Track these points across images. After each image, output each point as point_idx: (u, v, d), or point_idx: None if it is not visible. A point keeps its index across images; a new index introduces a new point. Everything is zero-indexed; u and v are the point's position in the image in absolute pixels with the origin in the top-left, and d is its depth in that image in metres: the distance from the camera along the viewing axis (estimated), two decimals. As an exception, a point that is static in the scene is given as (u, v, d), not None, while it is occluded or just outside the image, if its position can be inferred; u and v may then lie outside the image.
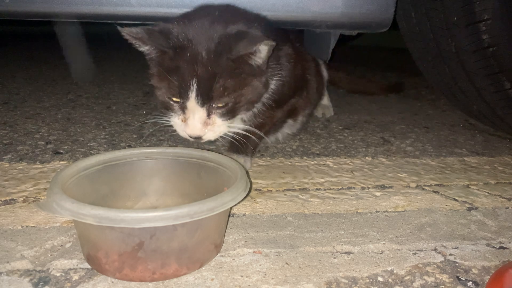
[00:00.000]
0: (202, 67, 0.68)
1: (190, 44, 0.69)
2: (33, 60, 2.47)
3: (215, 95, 0.69)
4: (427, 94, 1.89)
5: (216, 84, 0.68)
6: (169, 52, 0.69)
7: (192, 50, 0.69)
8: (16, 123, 1.19)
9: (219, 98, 0.70)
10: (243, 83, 0.73)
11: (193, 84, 0.68)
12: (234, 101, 0.72)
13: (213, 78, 0.68)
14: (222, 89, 0.70)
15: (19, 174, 0.84)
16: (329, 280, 0.54)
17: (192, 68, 0.68)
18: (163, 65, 0.71)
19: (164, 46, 0.69)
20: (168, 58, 0.70)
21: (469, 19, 1.04)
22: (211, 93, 0.69)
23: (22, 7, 1.02)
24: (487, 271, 0.58)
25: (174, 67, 0.69)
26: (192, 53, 0.68)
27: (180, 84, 0.69)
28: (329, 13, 1.05)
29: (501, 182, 0.91)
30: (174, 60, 0.69)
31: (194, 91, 0.68)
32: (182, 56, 0.69)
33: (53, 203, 0.51)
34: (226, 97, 0.71)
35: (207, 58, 0.68)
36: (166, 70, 0.70)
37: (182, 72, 0.69)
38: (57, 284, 0.51)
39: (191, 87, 0.68)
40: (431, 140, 1.20)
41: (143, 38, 0.68)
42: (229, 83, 0.70)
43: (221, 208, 0.53)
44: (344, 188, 0.84)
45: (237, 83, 0.71)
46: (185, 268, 0.54)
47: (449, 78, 1.23)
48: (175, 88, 0.70)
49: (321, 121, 1.36)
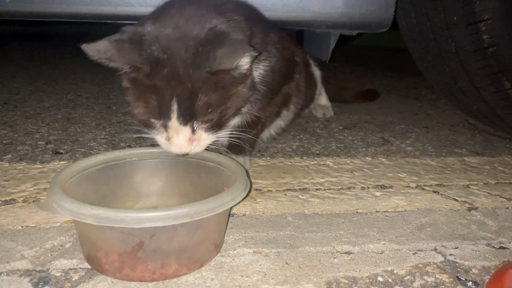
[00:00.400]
0: (181, 84, 0.61)
1: (166, 56, 0.61)
2: (33, 60, 2.47)
3: (198, 113, 0.64)
4: (427, 94, 1.89)
5: (198, 101, 0.62)
6: (143, 67, 0.61)
7: (168, 64, 0.61)
8: (16, 123, 1.19)
9: (203, 116, 0.64)
10: (227, 95, 0.66)
11: (173, 103, 0.61)
12: (219, 115, 0.67)
13: (195, 95, 0.62)
14: (206, 107, 0.64)
15: (19, 174, 0.84)
16: (329, 280, 0.54)
17: (171, 85, 0.61)
18: (138, 82, 0.63)
19: (138, 62, 0.61)
20: (143, 75, 0.62)
21: (469, 19, 1.04)
22: (194, 111, 0.63)
23: (22, 7, 1.02)
24: (487, 271, 0.58)
25: (150, 86, 0.62)
26: (169, 69, 0.61)
27: (159, 104, 0.62)
28: (329, 13, 1.05)
29: (501, 182, 0.91)
30: (150, 77, 0.62)
31: (175, 111, 0.62)
32: (158, 72, 0.61)
33: (53, 203, 0.51)
34: (210, 114, 0.65)
35: (185, 73, 0.61)
36: (142, 89, 0.63)
37: (160, 91, 0.62)
38: (57, 284, 0.51)
39: (171, 107, 0.62)
40: (431, 140, 1.20)
41: (112, 56, 0.59)
42: (212, 98, 0.64)
43: (221, 208, 0.53)
44: (344, 188, 0.84)
45: (220, 96, 0.65)
46: (185, 268, 0.54)
47: (449, 78, 1.23)
48: (154, 108, 0.63)
49: (321, 121, 1.36)
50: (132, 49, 0.60)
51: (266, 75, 0.80)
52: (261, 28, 0.79)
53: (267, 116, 0.92)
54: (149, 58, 0.61)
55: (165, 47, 0.61)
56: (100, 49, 0.58)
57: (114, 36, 0.61)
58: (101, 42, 0.59)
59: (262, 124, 0.92)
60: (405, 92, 1.92)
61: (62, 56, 2.35)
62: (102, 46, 0.59)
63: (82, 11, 1.03)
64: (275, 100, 0.91)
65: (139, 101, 0.64)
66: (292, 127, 1.27)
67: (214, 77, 0.63)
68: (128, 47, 0.60)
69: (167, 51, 0.61)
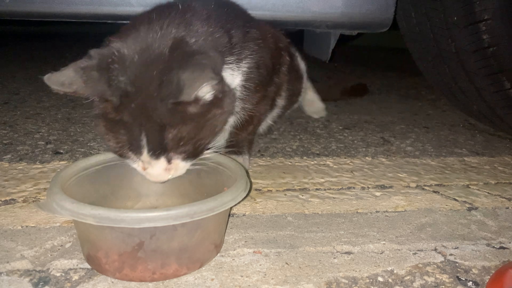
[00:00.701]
0: (148, 118, 0.56)
1: (134, 89, 0.57)
2: (33, 60, 2.47)
3: (169, 147, 0.59)
4: (427, 94, 1.89)
5: (168, 135, 0.58)
6: (113, 100, 0.57)
7: (136, 97, 0.56)
8: (16, 123, 1.19)
9: (175, 149, 0.60)
10: (199, 125, 0.60)
11: (143, 138, 0.57)
12: (194, 147, 0.61)
13: (163, 129, 0.57)
14: (177, 140, 0.59)
15: (19, 174, 0.84)
16: (329, 280, 0.54)
17: (139, 120, 0.57)
18: (106, 114, 0.59)
19: (107, 94, 0.57)
20: (112, 107, 0.58)
21: (469, 19, 1.04)
22: (165, 145, 0.59)
23: (22, 7, 1.02)
24: (487, 271, 0.58)
25: (119, 120, 0.58)
26: (137, 103, 0.56)
27: (129, 139, 0.58)
28: (329, 13, 1.05)
29: (501, 182, 0.91)
30: (119, 111, 0.57)
31: (145, 146, 0.58)
32: (127, 106, 0.57)
33: (53, 203, 0.51)
34: (182, 147, 0.60)
35: (152, 106, 0.56)
36: (112, 123, 0.59)
37: (129, 126, 0.57)
38: (57, 284, 0.51)
39: (141, 143, 0.58)
40: (431, 140, 1.20)
41: (78, 89, 0.55)
42: (182, 131, 0.58)
43: (221, 208, 0.53)
44: (344, 188, 0.84)
45: (192, 128, 0.60)
46: (185, 268, 0.54)
47: (449, 78, 1.23)
48: (125, 142, 0.59)
49: (321, 121, 1.36)
50: (100, 79, 0.56)
51: (251, 72, 0.78)
52: (241, 27, 0.76)
53: (262, 112, 0.91)
54: (118, 91, 0.57)
55: (133, 78, 0.57)
56: (64, 82, 0.54)
57: (80, 63, 0.57)
58: (66, 72, 0.55)
59: (258, 119, 0.91)
60: (405, 92, 1.92)
61: (62, 56, 2.35)
62: (67, 77, 0.54)
63: (82, 11, 1.03)
64: (268, 92, 0.89)
65: (110, 135, 0.60)
66: (292, 127, 1.27)
67: (180, 107, 0.58)
68: (96, 76, 0.56)
69: (135, 83, 0.56)
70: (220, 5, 0.76)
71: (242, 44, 0.75)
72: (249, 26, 0.80)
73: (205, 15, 0.69)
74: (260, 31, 0.84)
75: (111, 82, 0.56)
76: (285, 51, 0.96)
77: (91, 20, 1.06)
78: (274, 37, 0.90)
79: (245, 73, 0.77)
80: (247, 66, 0.77)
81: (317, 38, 1.47)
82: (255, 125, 0.91)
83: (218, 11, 0.73)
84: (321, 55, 1.42)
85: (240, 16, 0.81)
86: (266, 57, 0.83)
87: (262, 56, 0.81)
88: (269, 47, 0.86)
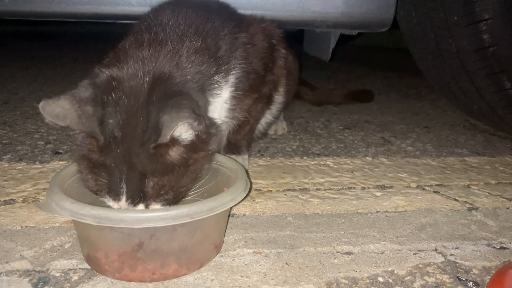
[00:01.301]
0: (131, 165, 0.54)
1: (121, 134, 0.54)
2: (32, 60, 2.47)
3: (149, 196, 0.56)
4: (427, 94, 1.89)
5: (149, 183, 0.55)
6: (100, 140, 0.55)
7: (122, 143, 0.54)
8: (15, 123, 1.19)
9: (155, 197, 0.56)
10: (182, 170, 0.58)
11: (123, 185, 0.55)
12: (175, 194, 0.58)
13: (144, 177, 0.55)
14: (157, 189, 0.56)
15: (18, 174, 0.84)
16: (329, 281, 0.54)
17: (121, 167, 0.54)
18: (90, 153, 0.56)
19: (97, 134, 0.55)
20: (97, 147, 0.56)
21: (469, 19, 1.03)
22: (144, 194, 0.56)
23: (21, 7, 1.02)
24: (487, 271, 0.57)
25: (102, 163, 0.56)
26: (122, 148, 0.54)
27: (108, 184, 0.56)
28: (329, 12, 1.05)
29: (502, 182, 0.91)
30: (103, 153, 0.55)
31: (124, 194, 0.55)
32: (112, 149, 0.54)
33: (52, 203, 0.51)
34: (163, 195, 0.57)
35: (134, 152, 0.54)
36: (93, 163, 0.56)
37: (110, 170, 0.55)
38: (56, 285, 0.51)
39: (121, 190, 0.55)
40: (432, 140, 1.20)
41: (71, 124, 0.53)
42: (164, 179, 0.56)
43: (221, 208, 0.53)
44: (344, 188, 0.84)
45: (175, 175, 0.57)
46: (185, 269, 0.53)
47: (449, 78, 1.23)
48: (103, 186, 0.56)
49: (321, 121, 1.36)
50: (93, 115, 0.54)
51: (240, 81, 0.76)
52: (228, 34, 0.75)
53: (259, 111, 0.90)
54: (107, 133, 0.55)
55: (121, 122, 0.55)
56: (59, 115, 0.52)
57: (76, 92, 0.56)
58: (61, 102, 0.53)
59: (254, 118, 0.90)
60: (406, 92, 1.92)
61: (62, 56, 2.35)
62: (62, 108, 0.53)
63: (82, 11, 1.03)
64: (262, 93, 0.87)
65: (90, 176, 0.57)
66: (292, 127, 1.27)
67: (161, 151, 0.55)
68: (90, 112, 0.54)
69: (122, 129, 0.55)
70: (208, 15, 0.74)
71: (230, 54, 0.74)
72: (238, 30, 0.78)
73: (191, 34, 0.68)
74: (249, 33, 0.82)
75: (102, 123, 0.55)
76: (280, 45, 0.94)
77: (91, 20, 1.06)
78: (266, 34, 0.88)
79: (233, 84, 0.75)
80: (235, 76, 0.75)
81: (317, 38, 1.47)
82: (252, 125, 0.90)
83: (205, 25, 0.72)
84: (321, 55, 1.42)
85: (228, 21, 0.78)
86: (256, 61, 0.81)
87: (251, 62, 0.79)
88: (260, 48, 0.84)
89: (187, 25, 0.70)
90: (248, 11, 0.93)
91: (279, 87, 0.96)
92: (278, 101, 1.00)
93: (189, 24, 0.70)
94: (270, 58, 0.89)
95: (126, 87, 0.57)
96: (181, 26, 0.69)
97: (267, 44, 0.87)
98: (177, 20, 0.70)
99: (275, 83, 0.94)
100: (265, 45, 0.86)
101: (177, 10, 0.72)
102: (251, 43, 0.81)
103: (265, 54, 0.86)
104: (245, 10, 0.94)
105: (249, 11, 0.93)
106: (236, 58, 0.75)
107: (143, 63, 0.60)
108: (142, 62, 0.61)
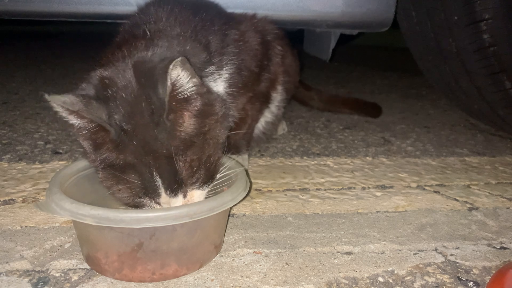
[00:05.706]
0: (154, 153, 0.53)
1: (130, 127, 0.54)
2: (32, 60, 2.47)
3: (185, 178, 0.56)
4: (427, 94, 1.88)
5: (179, 164, 0.54)
6: (111, 132, 0.54)
7: (135, 135, 0.54)
8: (15, 123, 1.19)
9: (191, 178, 0.56)
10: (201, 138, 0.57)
11: (157, 179, 0.54)
12: (206, 168, 0.58)
13: (172, 160, 0.54)
14: (189, 166, 0.56)
15: (18, 174, 0.84)
16: (329, 281, 0.54)
17: (146, 159, 0.53)
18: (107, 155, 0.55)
19: (106, 123, 0.54)
20: (111, 142, 0.54)
21: (470, 19, 1.03)
22: (181, 178, 0.55)
23: (21, 6, 1.02)
24: (488, 271, 0.57)
25: (125, 163, 0.54)
26: (137, 141, 0.53)
27: (143, 183, 0.54)
28: (329, 12, 1.05)
29: (502, 182, 0.91)
30: (120, 151, 0.54)
31: (161, 186, 0.54)
32: (128, 145, 0.54)
33: (52, 203, 0.51)
34: (196, 173, 0.57)
35: (153, 141, 0.53)
36: (118, 169, 0.55)
37: (138, 168, 0.54)
38: (56, 285, 0.51)
39: (157, 184, 0.54)
40: (432, 140, 1.20)
41: (80, 110, 0.52)
42: (190, 154, 0.55)
43: (221, 208, 0.53)
44: (344, 188, 0.84)
45: (197, 146, 0.56)
46: (184, 269, 0.53)
47: (450, 78, 1.23)
48: (138, 189, 0.55)
49: (321, 121, 1.36)
50: (99, 108, 0.54)
51: (233, 77, 0.75)
52: (218, 31, 0.74)
53: (257, 109, 0.89)
54: (116, 125, 0.54)
55: (126, 115, 0.54)
56: (66, 101, 0.52)
57: (80, 91, 0.57)
58: (67, 96, 0.53)
59: (251, 117, 0.89)
60: (406, 92, 1.92)
61: (62, 56, 2.35)
62: (69, 99, 0.53)
63: (82, 11, 1.03)
64: (257, 92, 0.87)
65: (120, 185, 0.56)
66: (292, 127, 1.27)
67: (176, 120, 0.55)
68: (95, 105, 0.54)
69: (130, 121, 0.54)
70: (196, 11, 0.74)
71: (221, 50, 0.73)
72: (228, 27, 0.77)
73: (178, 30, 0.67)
74: (240, 30, 0.81)
75: (109, 115, 0.54)
76: (275, 42, 0.93)
77: (91, 19, 1.06)
78: (258, 31, 0.87)
79: (227, 79, 0.75)
80: (228, 72, 0.75)
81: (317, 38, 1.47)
82: (250, 124, 0.90)
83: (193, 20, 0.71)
84: (321, 55, 1.42)
85: (217, 18, 0.78)
86: (248, 58, 0.80)
87: (243, 59, 0.78)
88: (252, 45, 0.83)
89: (173, 18, 0.70)
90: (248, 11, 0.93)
91: (277, 85, 0.95)
92: (277, 100, 0.99)
93: (174, 17, 0.70)
94: (265, 55, 0.88)
95: (117, 82, 0.56)
96: (168, 20, 0.69)
97: (259, 41, 0.85)
98: (163, 15, 0.70)
99: (272, 81, 0.93)
100: (258, 42, 0.85)
101: (165, 6, 0.72)
102: (242, 41, 0.79)
103: (257, 51, 0.84)
104: (245, 10, 0.94)
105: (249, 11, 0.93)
106: (227, 54, 0.75)
107: (128, 55, 0.60)
108: (125, 54, 0.60)
